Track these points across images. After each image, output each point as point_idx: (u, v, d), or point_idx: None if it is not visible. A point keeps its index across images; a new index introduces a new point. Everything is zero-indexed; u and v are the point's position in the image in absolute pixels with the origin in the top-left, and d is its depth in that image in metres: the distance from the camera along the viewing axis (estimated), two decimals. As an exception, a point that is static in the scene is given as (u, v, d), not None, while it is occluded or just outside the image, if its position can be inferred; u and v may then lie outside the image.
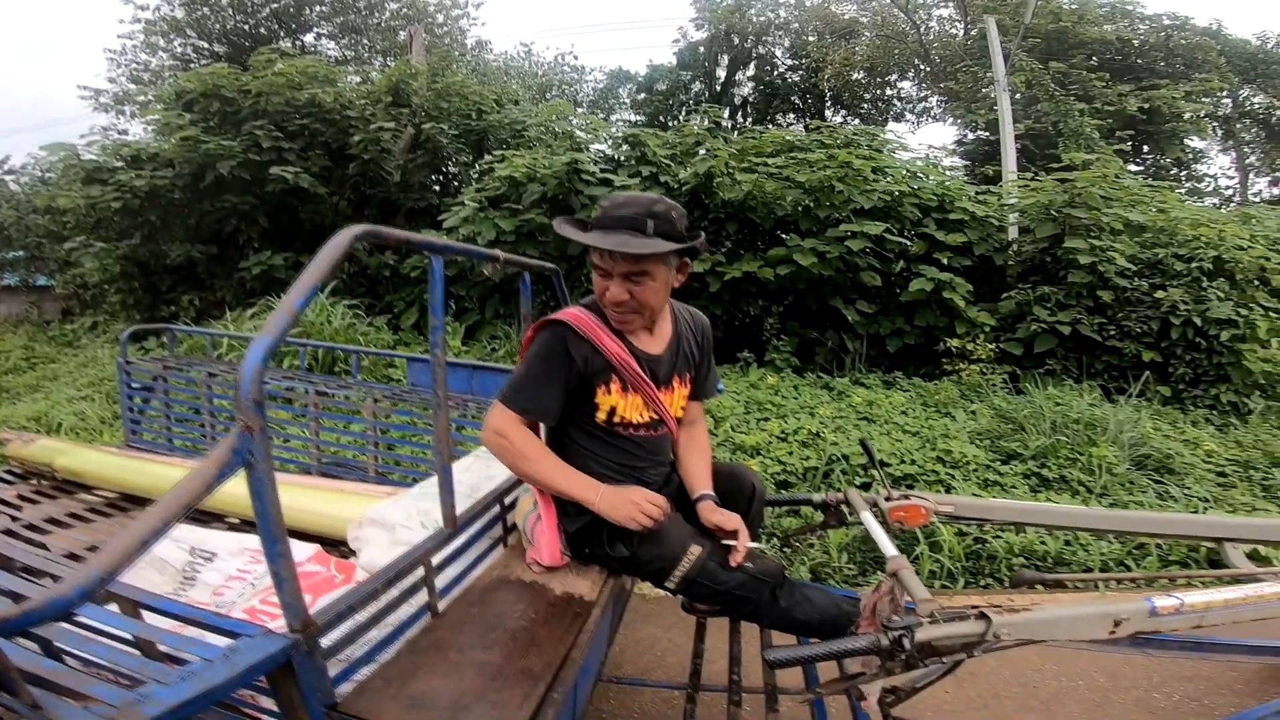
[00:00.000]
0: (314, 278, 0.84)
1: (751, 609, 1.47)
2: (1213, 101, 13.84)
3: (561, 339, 1.40)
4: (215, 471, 0.71)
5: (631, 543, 1.43)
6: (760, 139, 6.59)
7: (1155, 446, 3.87)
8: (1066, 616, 1.19)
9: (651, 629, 2.59)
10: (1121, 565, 3.05)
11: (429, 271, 1.19)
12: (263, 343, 0.75)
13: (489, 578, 1.40)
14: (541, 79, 19.07)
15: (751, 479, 1.65)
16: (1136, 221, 5.67)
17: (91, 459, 2.26)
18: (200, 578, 1.43)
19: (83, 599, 0.59)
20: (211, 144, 6.99)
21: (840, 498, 1.76)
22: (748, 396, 4.68)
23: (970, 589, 3.04)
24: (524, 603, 1.30)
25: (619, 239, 1.33)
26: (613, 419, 1.47)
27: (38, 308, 12.21)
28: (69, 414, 5.31)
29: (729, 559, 1.41)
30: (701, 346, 1.64)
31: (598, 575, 1.46)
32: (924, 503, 1.63)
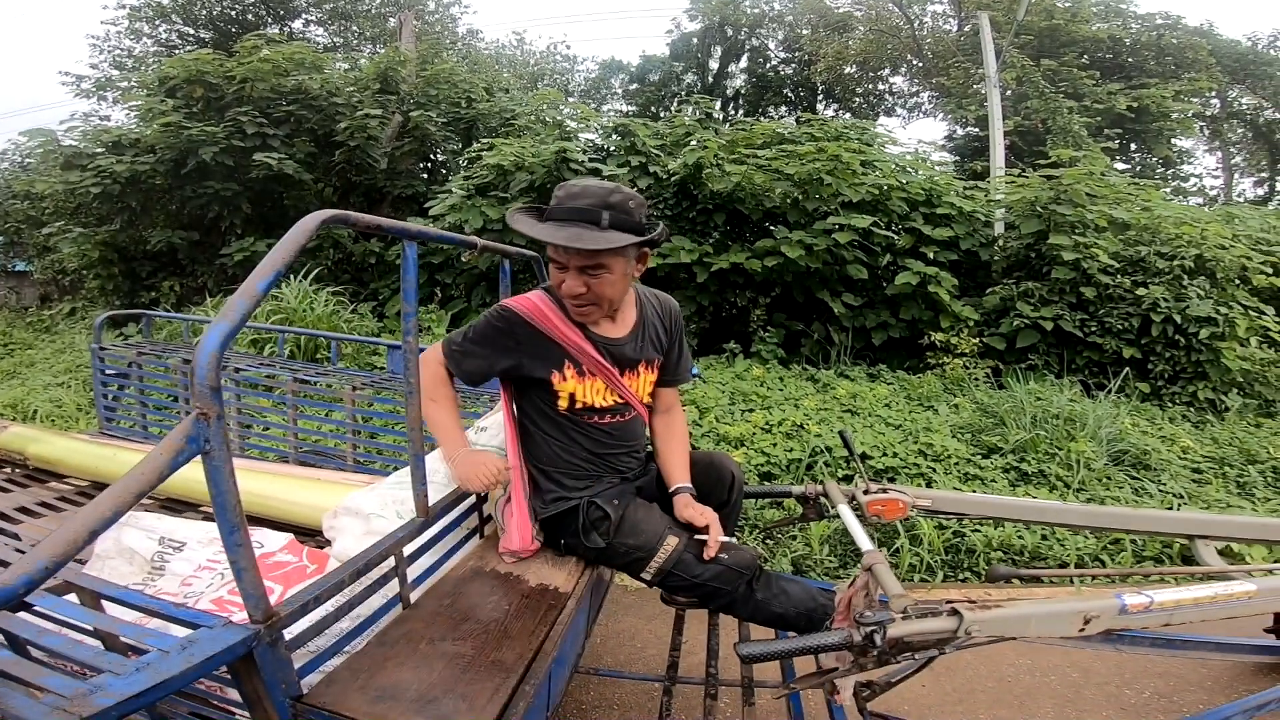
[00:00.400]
0: (278, 261, 0.82)
1: (728, 601, 1.47)
2: (1201, 101, 13.98)
3: (508, 323, 1.41)
4: (168, 459, 0.70)
5: (607, 534, 1.43)
6: (751, 130, 6.56)
7: (1133, 442, 3.91)
8: (1038, 613, 1.20)
9: (632, 620, 2.60)
10: (1097, 560, 3.09)
11: (402, 257, 1.17)
12: (220, 327, 0.74)
13: (463, 569, 1.39)
14: (533, 68, 18.89)
15: (731, 468, 1.65)
16: (1121, 219, 5.71)
17: (64, 447, 2.23)
18: (169, 567, 1.42)
19: (28, 588, 0.58)
20: (194, 130, 6.86)
21: (819, 490, 1.76)
22: (733, 387, 4.68)
23: (949, 582, 3.07)
24: (498, 594, 1.29)
25: (572, 232, 1.29)
26: (574, 405, 1.46)
27: (16, 293, 12.00)
28: (45, 401, 5.24)
29: (705, 552, 1.41)
30: (669, 330, 1.61)
31: (574, 566, 1.46)
32: (902, 496, 1.64)
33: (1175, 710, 2.10)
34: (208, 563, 1.42)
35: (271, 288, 0.82)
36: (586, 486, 1.49)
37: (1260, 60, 15.13)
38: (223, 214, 7.47)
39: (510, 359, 1.42)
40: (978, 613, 1.14)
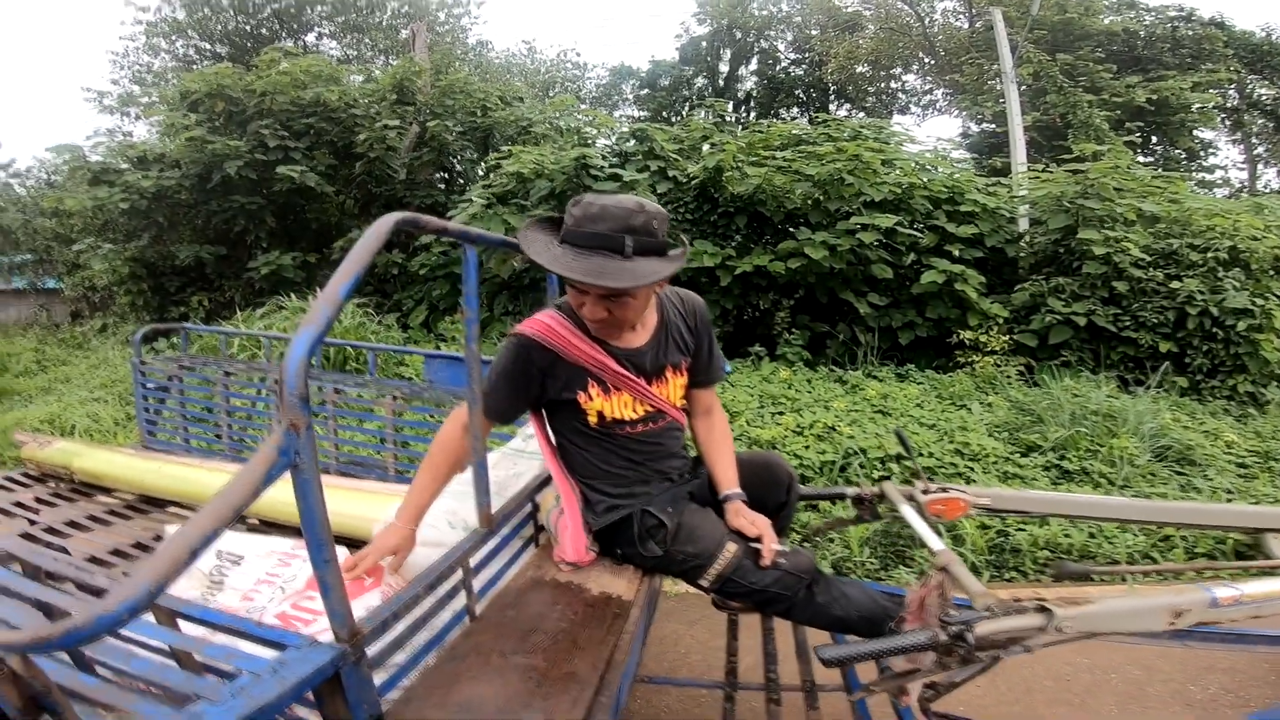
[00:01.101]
0: (356, 265, 0.80)
1: (787, 606, 1.43)
2: (1220, 93, 13.74)
3: (524, 352, 1.35)
4: (262, 473, 0.68)
5: (664, 541, 1.40)
6: (768, 132, 6.53)
7: (1175, 438, 3.83)
8: (1129, 609, 1.16)
9: (674, 625, 2.56)
10: (1147, 557, 3.01)
11: (463, 261, 1.14)
12: (307, 334, 0.71)
13: (523, 579, 1.37)
14: (544, 76, 19.00)
15: (787, 469, 1.62)
16: (1150, 212, 5.60)
17: (108, 461, 2.25)
18: (228, 581, 1.41)
19: (132, 614, 0.56)
20: (217, 144, 6.97)
21: (875, 492, 1.72)
22: (761, 390, 4.64)
23: (995, 582, 3.01)
24: (561, 604, 1.27)
25: (594, 265, 1.19)
26: (605, 420, 1.42)
27: (46, 310, 12.23)
28: (82, 416, 5.32)
29: (761, 560, 1.38)
30: (694, 329, 1.52)
31: (633, 574, 1.43)
32: (963, 496, 1.60)
33: (1243, 705, 2.04)
34: (266, 576, 1.40)
35: (353, 292, 0.79)
36: (635, 494, 1.46)
37: (1276, 51, 14.85)
38: (248, 228, 7.58)
39: (535, 389, 1.38)
40: (1068, 609, 1.09)
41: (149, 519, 2.03)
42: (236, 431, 2.61)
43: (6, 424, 5.33)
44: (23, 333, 10.86)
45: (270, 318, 5.94)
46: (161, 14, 15.47)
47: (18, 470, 2.34)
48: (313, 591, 1.35)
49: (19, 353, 8.70)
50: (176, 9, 15.36)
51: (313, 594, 1.35)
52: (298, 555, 1.44)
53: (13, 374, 7.86)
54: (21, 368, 8.14)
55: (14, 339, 10.19)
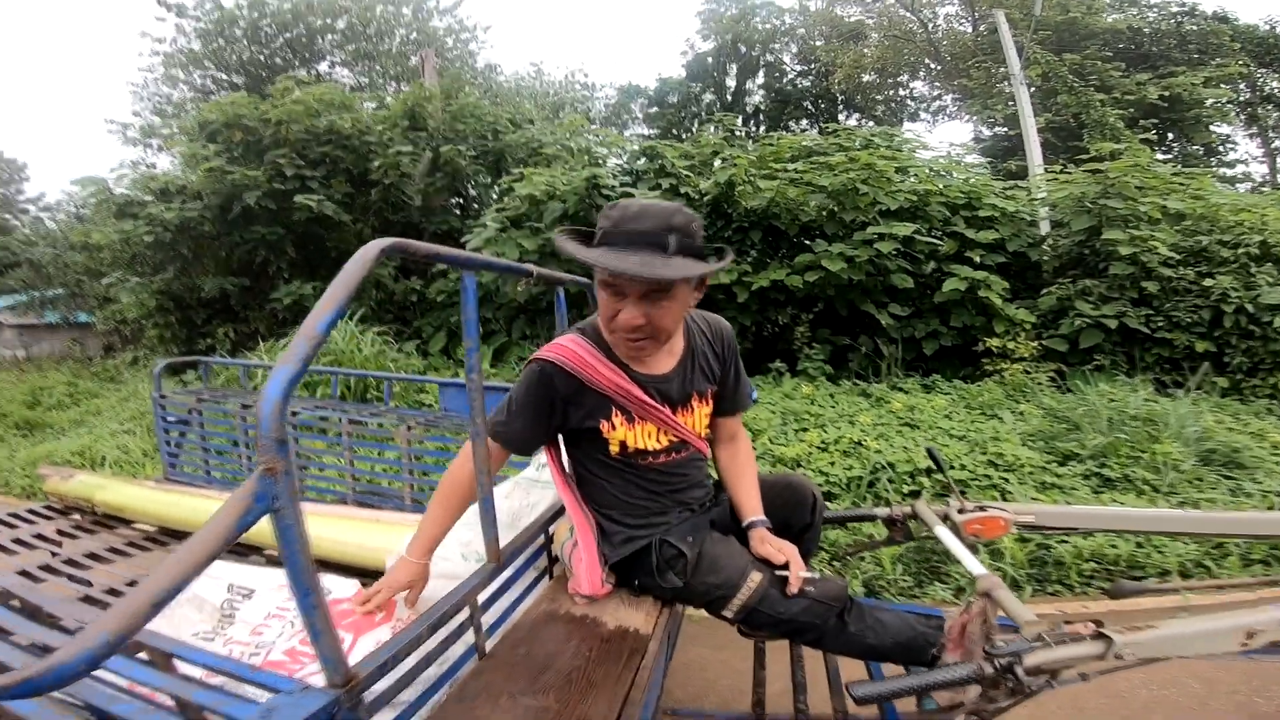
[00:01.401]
0: (337, 298, 0.75)
1: (816, 636, 1.34)
2: (1232, 87, 13.48)
3: (546, 378, 1.29)
4: (235, 520, 0.64)
5: (684, 572, 1.33)
6: (778, 145, 6.51)
7: (1220, 440, 3.68)
8: (1197, 631, 1.07)
9: (700, 650, 2.47)
10: (1200, 567, 2.87)
11: (461, 289, 1.09)
12: (283, 373, 0.67)
13: (536, 613, 1.31)
14: (553, 98, 19.28)
15: (811, 490, 1.53)
16: (1175, 209, 5.47)
17: (130, 493, 2.26)
18: (240, 615, 1.39)
19: (90, 665, 0.53)
20: (237, 174, 7.08)
21: (907, 511, 1.64)
22: (783, 407, 4.56)
23: (1038, 597, 2.87)
24: (575, 639, 1.21)
25: (639, 260, 1.14)
26: (626, 450, 1.35)
27: (80, 344, 12.53)
28: (112, 448, 5.41)
29: (788, 588, 1.30)
30: (721, 356, 1.46)
31: (652, 605, 1.36)
32: (1003, 514, 1.51)
33: None
34: (277, 610, 1.38)
35: (332, 327, 0.75)
36: (654, 525, 1.40)
37: None
38: (269, 258, 7.71)
39: (558, 418, 1.32)
40: (1129, 635, 1.01)
41: (168, 550, 2.02)
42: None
43: (36, 456, 5.45)
44: (56, 366, 11.16)
45: (292, 347, 6.00)
46: (177, 45, 15.95)
47: (41, 503, 2.36)
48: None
49: (52, 386, 8.92)
50: (192, 40, 15.84)
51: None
52: None
53: (45, 407, 8.06)
54: (54, 401, 8.34)
55: (48, 373, 10.46)
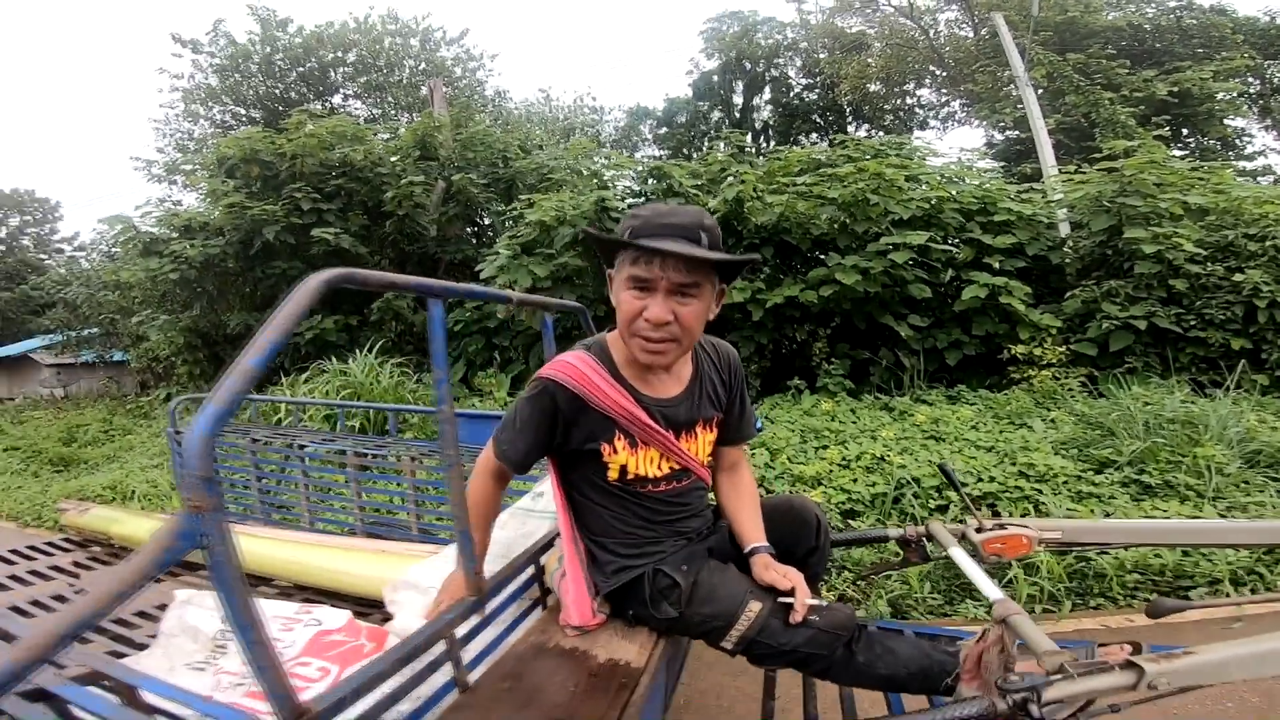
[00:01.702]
0: (274, 334, 0.72)
1: (824, 666, 1.27)
2: (1241, 80, 13.24)
3: (549, 397, 1.25)
4: (156, 559, 0.62)
5: (679, 603, 1.27)
6: (786, 159, 6.49)
7: (1265, 441, 3.53)
8: (1242, 655, 0.98)
9: (717, 677, 2.38)
10: (1253, 575, 2.71)
11: (429, 318, 1.06)
12: (210, 412, 0.65)
13: (524, 645, 1.26)
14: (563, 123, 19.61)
15: (815, 511, 1.46)
16: (1197, 204, 5.32)
17: (144, 526, 2.31)
18: (232, 646, 1.38)
19: None
20: (255, 209, 7.22)
21: (921, 531, 1.56)
22: (802, 425, 4.47)
23: (1079, 611, 2.73)
24: (563, 673, 1.15)
25: (678, 245, 1.15)
26: (626, 476, 1.31)
27: (116, 382, 12.84)
28: (141, 482, 5.52)
29: (791, 616, 1.23)
30: (728, 383, 1.43)
31: (647, 637, 1.30)
32: (1025, 531, 1.42)
33: None
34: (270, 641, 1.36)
35: (269, 362, 0.72)
36: (648, 555, 1.34)
37: None
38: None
39: (558, 437, 1.29)
40: (1163, 664, 0.93)
41: (178, 581, 2.02)
42: (268, 496, 2.61)
43: (69, 491, 5.57)
44: (93, 405, 11.48)
45: (312, 382, 6.08)
46: (195, 81, 16.44)
47: (60, 536, 2.40)
48: (307, 658, 1.30)
49: (88, 424, 9.17)
50: (209, 75, 16.34)
51: (307, 660, 1.29)
52: (299, 620, 1.40)
53: (80, 444, 8.27)
54: (89, 437, 8.57)
55: (84, 410, 10.77)
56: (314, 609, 1.46)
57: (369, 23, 17.77)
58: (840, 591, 2.96)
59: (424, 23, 18.63)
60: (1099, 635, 2.54)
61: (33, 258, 24.24)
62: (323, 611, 1.44)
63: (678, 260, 1.16)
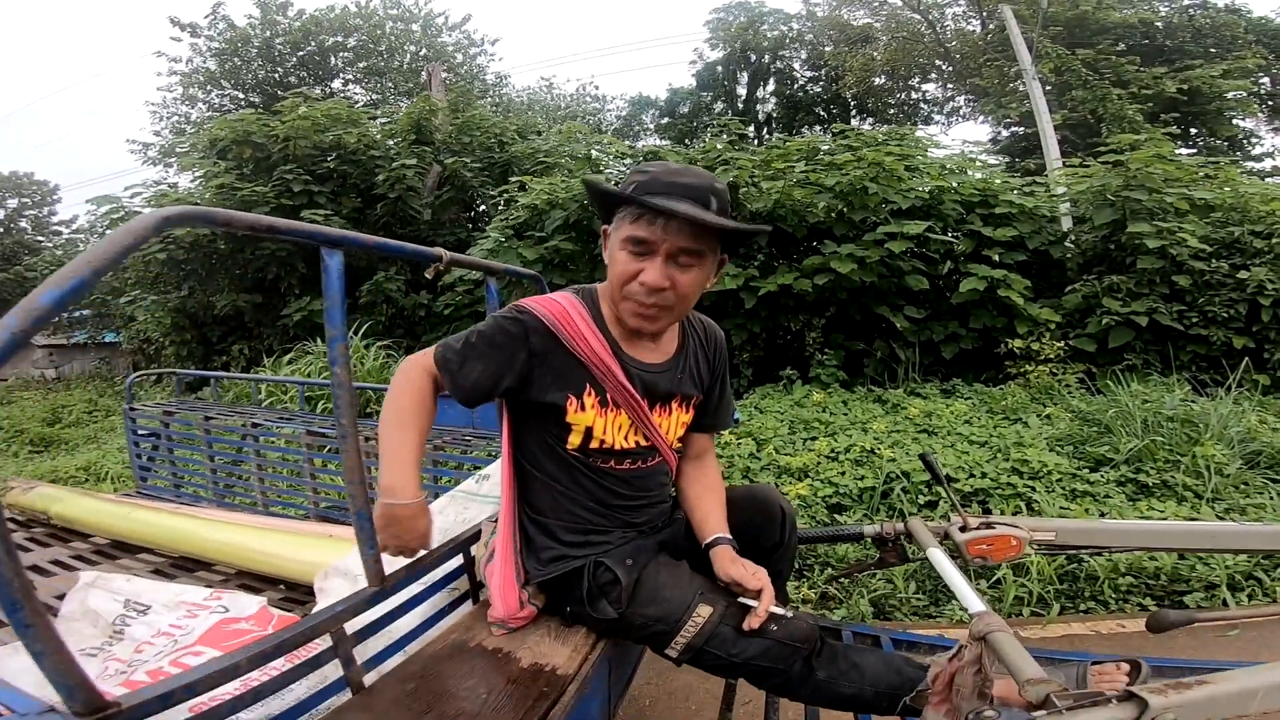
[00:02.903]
0: (81, 269, 0.59)
1: (779, 681, 1.14)
2: (1252, 79, 13.05)
3: (521, 326, 1.13)
4: None
5: (619, 601, 1.13)
6: (785, 147, 6.35)
7: (1266, 442, 3.43)
8: (1259, 685, 0.85)
9: (687, 678, 2.26)
10: (1251, 579, 2.61)
11: (324, 270, 0.94)
12: None
13: (442, 643, 1.13)
14: (565, 111, 19.40)
15: (780, 503, 1.33)
16: (1203, 200, 5.19)
17: (83, 506, 2.24)
18: (129, 631, 1.29)
19: None
20: (245, 190, 7.12)
21: (900, 529, 1.44)
22: (792, 416, 4.36)
23: (1067, 615, 2.62)
24: (477, 676, 1.02)
25: (690, 208, 1.05)
26: (588, 444, 1.18)
27: (107, 363, 12.79)
28: (117, 463, 5.43)
29: (745, 622, 1.10)
30: (712, 363, 1.33)
31: (583, 639, 1.16)
32: (1014, 532, 1.30)
33: None
34: (168, 628, 1.29)
35: (68, 301, 0.58)
36: (592, 544, 1.21)
37: None
38: (280, 275, 7.73)
39: (520, 372, 1.14)
40: (1171, 696, 0.80)
41: (116, 564, 1.93)
42: (225, 478, 2.51)
43: (42, 472, 5.48)
44: (84, 385, 11.40)
45: (296, 363, 5.98)
46: (193, 65, 16.24)
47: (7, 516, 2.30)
48: (200, 646, 1.20)
49: (73, 404, 9.09)
50: (207, 59, 16.16)
51: (200, 649, 1.19)
52: (206, 607, 1.30)
53: (64, 424, 8.19)
54: (73, 418, 8.49)
55: (73, 390, 10.69)
56: (225, 595, 1.35)
57: (370, 7, 17.56)
58: (820, 590, 2.85)
59: (426, 8, 18.43)
60: (1091, 643, 2.44)
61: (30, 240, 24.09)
62: (234, 599, 1.34)
63: (682, 224, 1.06)
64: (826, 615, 2.68)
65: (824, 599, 2.83)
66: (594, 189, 1.16)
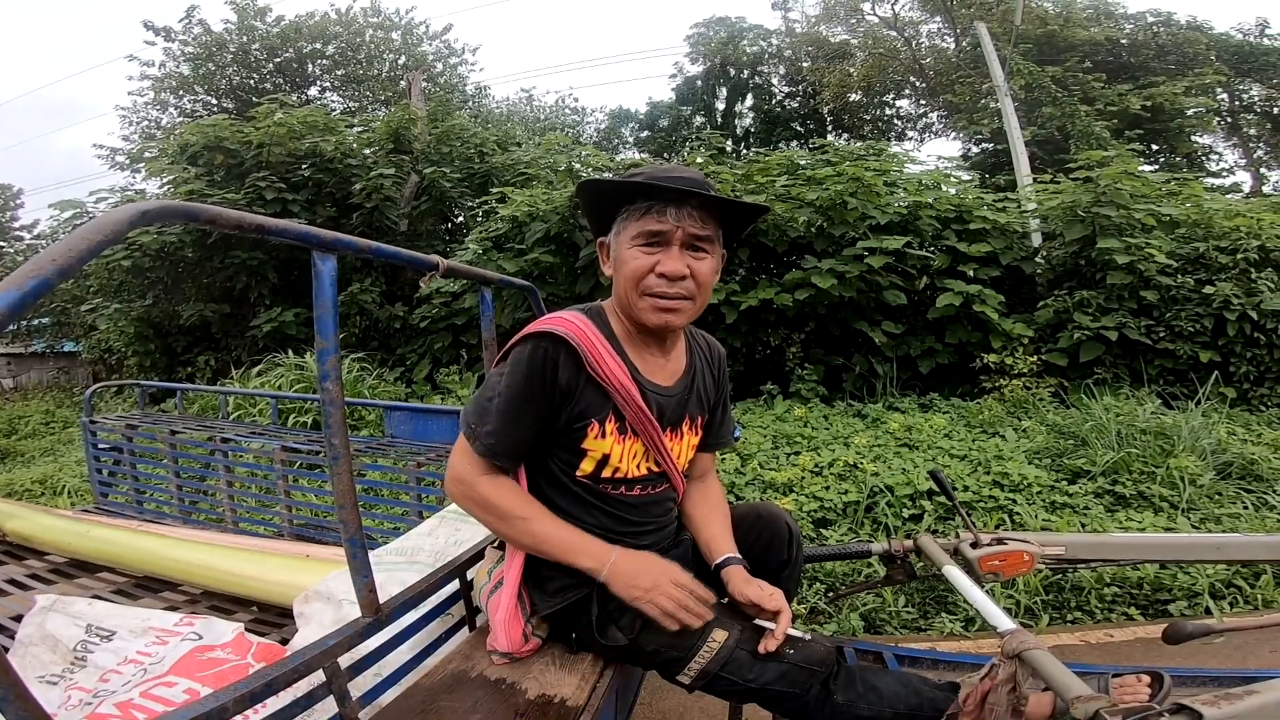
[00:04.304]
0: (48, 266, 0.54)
1: (795, 706, 1.10)
2: (1211, 95, 13.63)
3: (548, 358, 1.06)
4: None
5: (630, 628, 1.09)
6: (765, 161, 6.42)
7: (1236, 453, 3.52)
8: None
9: (680, 697, 2.20)
10: (1231, 587, 2.65)
11: (314, 275, 0.88)
12: None
13: (441, 674, 1.07)
14: (544, 123, 19.41)
15: (786, 520, 1.31)
16: (1169, 216, 5.35)
17: (39, 524, 2.13)
18: (92, 659, 1.21)
19: None
20: (216, 197, 6.95)
21: (909, 546, 1.42)
22: (775, 430, 4.36)
23: (1056, 626, 2.63)
24: (482, 711, 0.97)
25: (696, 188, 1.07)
26: (601, 472, 1.14)
27: (66, 373, 12.29)
28: (74, 476, 5.20)
29: (761, 645, 1.07)
30: (718, 381, 1.31)
31: (590, 666, 1.12)
32: (1026, 547, 1.29)
33: None
34: (136, 656, 1.20)
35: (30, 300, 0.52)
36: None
37: (1258, 51, 14.76)
38: (250, 285, 7.53)
39: (556, 403, 1.09)
40: (1223, 707, 0.79)
41: (73, 584, 1.81)
42: (188, 494, 2.39)
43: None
44: (41, 396, 10.94)
45: (266, 375, 5.80)
46: (166, 69, 15.84)
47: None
48: (174, 677, 1.11)
49: (30, 415, 8.71)
50: (181, 64, 15.80)
51: (174, 679, 1.11)
52: (177, 633, 1.21)
53: (20, 436, 7.83)
54: (29, 429, 8.13)
55: (30, 401, 10.24)
56: (198, 621, 1.26)
57: (351, 14, 17.39)
58: (811, 604, 2.82)
59: (407, 16, 18.33)
60: (1079, 653, 2.45)
61: (-10, 244, 23.18)
62: (207, 624, 1.25)
63: (693, 209, 1.06)
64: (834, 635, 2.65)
65: (813, 614, 2.80)
66: (594, 189, 1.14)
